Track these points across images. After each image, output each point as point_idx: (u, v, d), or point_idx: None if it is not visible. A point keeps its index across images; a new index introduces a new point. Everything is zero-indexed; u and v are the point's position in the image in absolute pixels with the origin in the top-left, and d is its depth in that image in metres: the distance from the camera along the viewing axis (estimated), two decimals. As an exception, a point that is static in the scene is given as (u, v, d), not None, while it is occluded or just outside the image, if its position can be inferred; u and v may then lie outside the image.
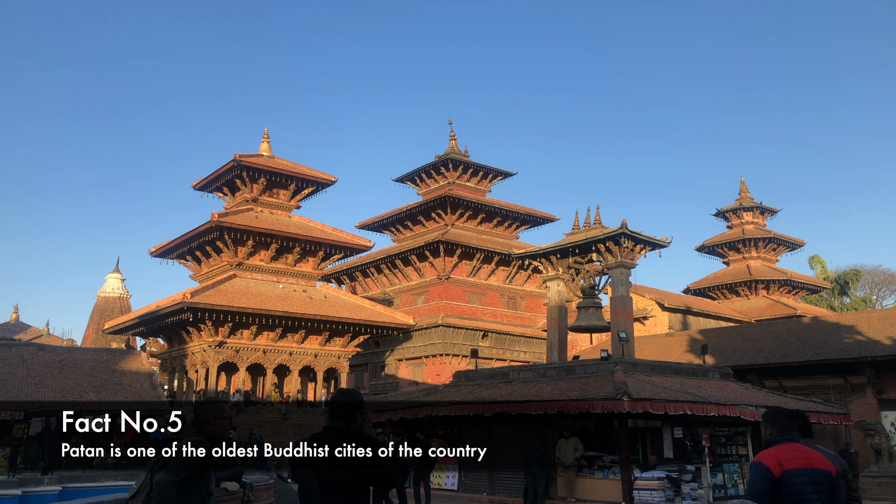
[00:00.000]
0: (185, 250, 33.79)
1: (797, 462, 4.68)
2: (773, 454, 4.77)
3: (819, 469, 4.71)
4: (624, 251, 22.38)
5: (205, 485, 4.73)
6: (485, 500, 19.48)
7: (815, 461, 4.74)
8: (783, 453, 4.75)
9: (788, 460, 4.69)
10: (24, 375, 25.82)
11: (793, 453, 4.75)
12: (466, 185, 43.34)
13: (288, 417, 29.40)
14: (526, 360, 36.79)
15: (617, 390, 16.60)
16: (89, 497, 10.76)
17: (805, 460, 4.72)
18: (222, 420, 4.88)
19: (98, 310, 54.16)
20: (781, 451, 4.77)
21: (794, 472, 4.64)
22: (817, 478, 4.68)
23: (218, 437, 4.82)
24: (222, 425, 4.88)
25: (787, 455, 4.72)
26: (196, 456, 4.60)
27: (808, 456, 4.76)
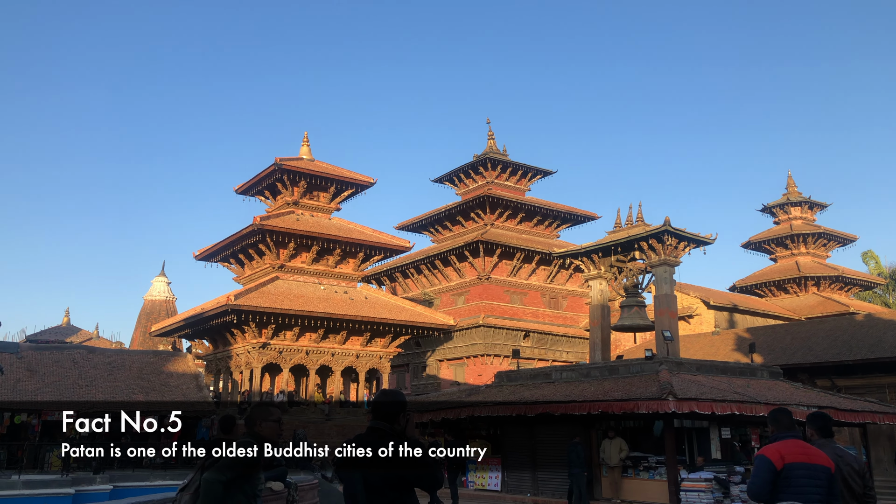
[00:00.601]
0: (229, 253, 34.31)
1: (798, 457, 5.07)
2: (776, 449, 5.17)
3: (818, 465, 5.07)
4: (667, 249, 22.03)
5: (252, 485, 4.74)
6: (528, 500, 19.33)
7: (814, 457, 5.10)
8: (785, 448, 5.14)
9: (790, 455, 5.08)
10: (75, 377, 26.48)
11: (794, 449, 5.14)
12: (505, 185, 43.14)
13: (331, 418, 29.63)
14: (568, 361, 36.45)
15: (662, 390, 16.33)
16: (139, 496, 10.94)
17: (805, 456, 5.10)
18: (269, 423, 4.89)
19: (145, 313, 55.35)
20: (784, 447, 5.16)
21: (794, 465, 5.03)
22: (815, 472, 5.03)
23: (266, 439, 4.83)
24: (270, 427, 4.88)
25: (788, 450, 5.12)
26: (243, 457, 4.62)
27: (808, 452, 5.14)
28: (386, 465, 4.22)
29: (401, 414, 4.42)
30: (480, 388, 24.48)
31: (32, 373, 25.82)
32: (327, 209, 35.41)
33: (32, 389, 24.88)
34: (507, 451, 20.84)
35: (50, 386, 25.44)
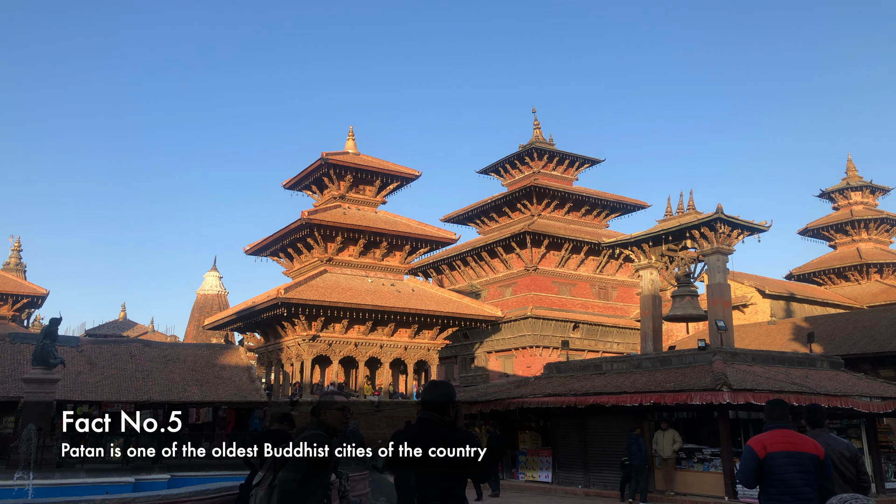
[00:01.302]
0: (278, 248, 34.78)
1: (781, 446, 5.40)
2: (760, 439, 5.56)
3: (803, 452, 5.38)
4: (720, 237, 21.53)
5: (325, 479, 4.90)
6: (580, 492, 19.15)
7: (799, 445, 5.42)
8: (769, 438, 5.51)
9: (772, 444, 5.43)
10: (132, 370, 27.21)
11: (778, 438, 5.47)
12: (552, 174, 42.68)
13: (381, 409, 29.84)
14: (619, 352, 35.97)
15: (716, 381, 16.01)
16: (196, 485, 11.18)
17: (789, 444, 5.42)
18: (333, 411, 5.00)
19: (198, 307, 56.62)
20: (768, 437, 5.54)
21: (776, 454, 5.38)
22: (800, 460, 5.35)
23: (331, 427, 4.96)
24: (334, 416, 4.99)
25: (772, 440, 5.47)
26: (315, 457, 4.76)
27: (792, 441, 5.45)
28: (437, 456, 4.22)
29: (450, 405, 4.45)
30: (529, 379, 24.34)
31: (92, 366, 26.63)
32: (373, 202, 35.58)
33: (93, 382, 25.67)
34: (557, 442, 20.68)
35: (109, 379, 26.21)
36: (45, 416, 15.06)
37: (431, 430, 4.33)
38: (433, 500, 4.18)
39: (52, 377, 15.18)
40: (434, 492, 4.19)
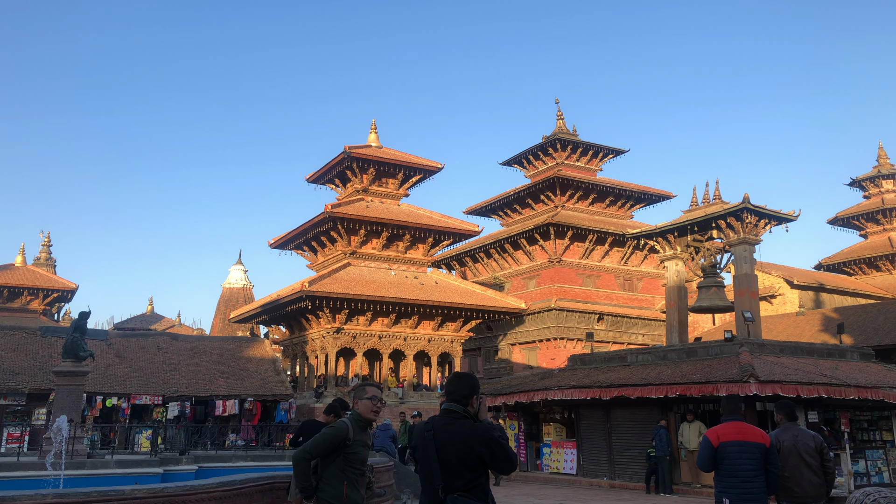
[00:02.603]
0: (302, 241, 34.97)
1: (731, 436, 6.29)
2: (715, 430, 6.45)
3: (750, 441, 6.23)
4: (747, 227, 21.25)
5: (348, 462, 5.01)
6: (605, 484, 19.06)
7: (748, 436, 6.27)
8: (723, 429, 6.40)
9: (725, 434, 6.32)
10: (160, 363, 27.59)
11: (730, 429, 6.36)
12: (576, 165, 42.38)
13: (405, 401, 29.93)
14: (644, 343, 35.71)
15: (743, 372, 15.83)
16: (224, 476, 11.27)
17: (739, 434, 6.29)
18: (364, 400, 5.14)
19: (224, 300, 57.17)
20: (722, 428, 6.41)
21: (727, 443, 6.27)
22: (747, 448, 6.21)
23: (363, 417, 5.13)
24: (364, 405, 5.14)
25: (725, 430, 6.36)
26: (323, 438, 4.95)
27: (742, 431, 6.31)
28: (462, 447, 4.22)
29: (474, 396, 4.46)
30: (554, 371, 24.26)
31: (121, 359, 27.04)
32: (396, 195, 35.61)
33: (121, 375, 26.08)
34: (582, 434, 20.61)
35: (137, 371, 26.60)
36: (76, 407, 15.26)
37: (456, 421, 4.33)
38: (458, 491, 4.18)
39: (82, 370, 15.39)
40: (459, 483, 4.19)
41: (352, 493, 4.99)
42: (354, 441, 5.00)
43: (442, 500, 4.18)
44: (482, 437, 4.26)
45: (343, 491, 4.93)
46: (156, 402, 25.58)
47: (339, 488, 4.92)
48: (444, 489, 4.18)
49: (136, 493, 9.01)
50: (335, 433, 4.95)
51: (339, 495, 4.92)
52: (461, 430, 4.28)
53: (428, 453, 4.28)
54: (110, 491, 9.13)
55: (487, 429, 4.34)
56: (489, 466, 4.29)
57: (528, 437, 22.80)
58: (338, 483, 4.93)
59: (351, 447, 4.98)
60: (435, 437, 4.29)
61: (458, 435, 4.26)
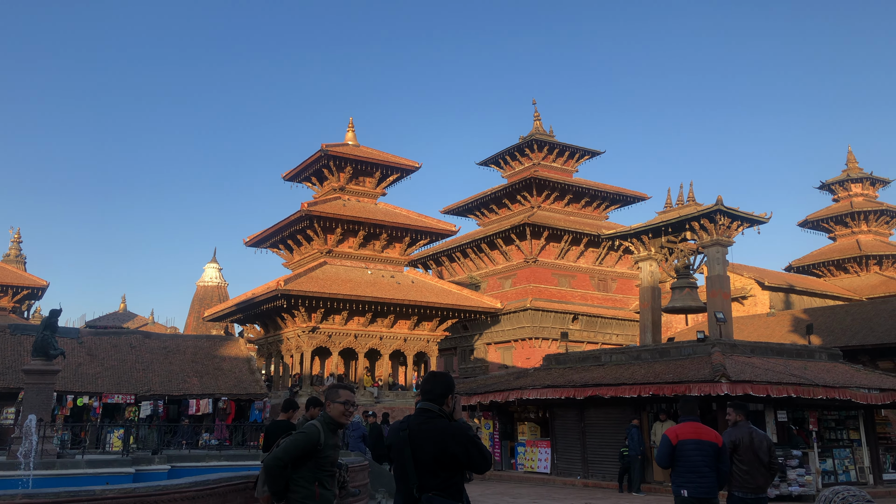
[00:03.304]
0: (278, 239, 34.76)
1: (688, 435, 6.93)
2: (674, 429, 7.09)
3: (705, 440, 6.88)
4: (720, 228, 21.51)
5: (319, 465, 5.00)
6: (578, 483, 19.21)
7: (703, 435, 6.92)
8: (681, 429, 7.03)
9: (683, 434, 6.94)
10: (133, 361, 27.24)
11: (687, 429, 6.99)
12: (552, 166, 42.61)
13: (380, 400, 29.89)
14: (618, 343, 36.01)
15: (714, 372, 16.04)
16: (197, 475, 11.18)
17: (696, 434, 6.92)
18: (336, 404, 5.11)
19: (198, 298, 56.64)
20: (680, 427, 7.06)
21: (685, 441, 6.89)
22: (702, 446, 6.84)
23: (335, 420, 5.11)
24: (336, 408, 5.11)
25: (683, 430, 6.99)
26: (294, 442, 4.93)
27: (699, 431, 6.96)
28: (437, 446, 4.23)
29: (449, 395, 4.45)
30: (529, 371, 24.37)
31: (92, 357, 26.66)
32: (373, 194, 35.54)
33: (93, 373, 25.71)
34: (556, 433, 20.74)
35: (109, 370, 26.24)
36: (46, 406, 15.04)
37: (431, 420, 4.33)
38: (433, 490, 4.17)
39: (52, 368, 15.16)
40: (435, 482, 4.18)
41: (323, 492, 5.00)
42: (325, 445, 5.00)
43: (417, 499, 4.16)
44: (458, 436, 4.25)
45: (315, 490, 4.94)
46: (128, 401, 25.27)
47: (311, 489, 4.93)
48: (420, 488, 4.16)
49: (107, 493, 8.90)
50: (306, 439, 4.94)
51: (311, 495, 4.93)
52: (437, 430, 4.27)
53: (403, 452, 4.27)
54: (80, 491, 9.01)
55: (463, 428, 4.33)
56: (464, 465, 4.28)
57: (502, 436, 22.88)
58: (308, 484, 4.94)
59: (322, 451, 4.98)
60: (410, 437, 4.27)
61: (434, 434, 4.24)
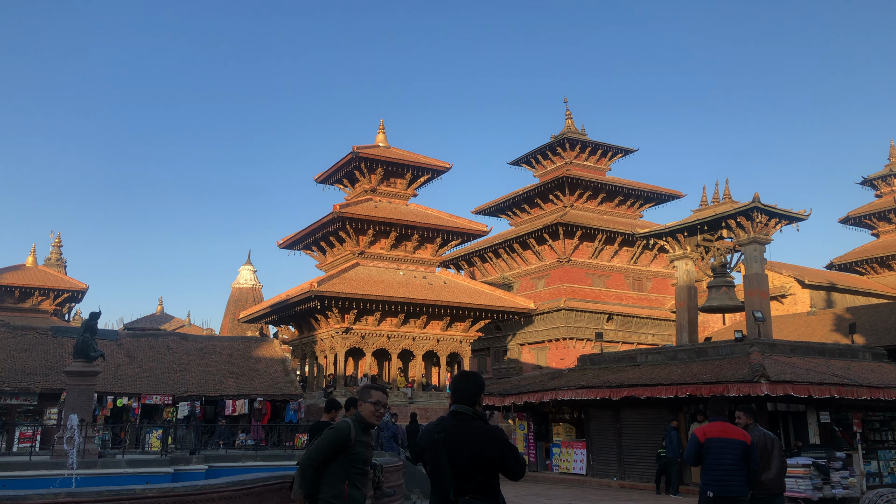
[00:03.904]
0: (311, 241, 35.03)
1: (716, 433, 7.07)
2: (702, 428, 7.23)
3: (732, 439, 7.00)
4: (757, 226, 21.15)
5: (350, 462, 4.97)
6: (615, 484, 19.00)
7: (730, 434, 7.05)
8: (709, 428, 7.17)
9: (711, 432, 7.10)
10: (170, 363, 27.67)
11: (715, 428, 7.13)
12: (585, 165, 42.27)
13: (414, 401, 29.94)
14: (654, 343, 35.57)
15: (753, 372, 15.73)
16: (234, 475, 11.29)
17: (723, 433, 7.06)
18: (367, 404, 5.09)
19: (233, 300, 57.34)
20: (708, 427, 7.19)
21: (712, 440, 7.04)
22: (729, 444, 6.97)
23: (366, 420, 5.08)
24: (367, 409, 5.08)
25: (710, 429, 7.14)
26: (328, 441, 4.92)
27: (726, 430, 7.09)
28: (473, 449, 4.18)
29: (481, 396, 4.42)
30: (563, 371, 24.20)
31: (131, 359, 27.15)
32: (404, 195, 35.62)
33: (131, 375, 26.18)
34: (591, 434, 20.55)
35: (147, 371, 26.70)
36: (87, 407, 15.34)
37: (466, 423, 4.29)
38: (469, 493, 4.14)
39: (92, 370, 15.47)
40: (471, 485, 4.15)
41: (353, 491, 4.97)
42: (356, 442, 4.98)
43: (453, 502, 4.13)
44: (493, 439, 4.21)
45: (344, 490, 4.92)
46: (166, 401, 25.67)
47: (340, 487, 4.91)
48: (455, 491, 4.13)
49: (147, 493, 9.03)
50: (336, 434, 4.94)
51: (341, 494, 4.90)
52: (472, 433, 4.23)
53: (438, 455, 4.23)
54: (121, 490, 9.15)
55: (498, 431, 4.31)
56: (499, 470, 4.24)
57: (537, 437, 22.75)
58: (339, 483, 4.91)
59: (353, 448, 4.97)
60: (445, 440, 4.25)
61: (469, 437, 4.21)
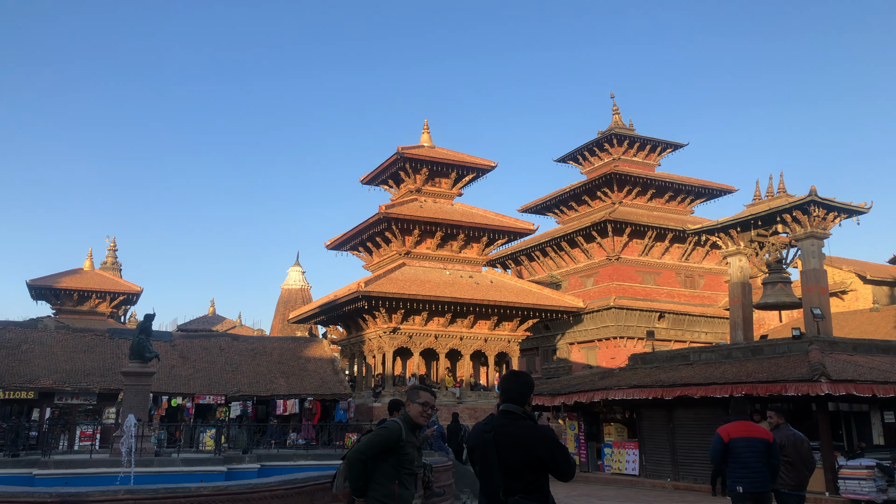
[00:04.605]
0: (357, 242, 35.28)
1: (739, 433, 7.40)
2: (726, 428, 7.55)
3: (756, 437, 7.35)
4: (814, 220, 20.49)
5: (400, 463, 4.95)
6: (668, 485, 18.61)
7: (753, 432, 7.40)
8: (732, 427, 7.49)
9: (734, 432, 7.43)
10: (222, 363, 28.18)
11: (738, 427, 7.46)
12: (633, 161, 41.62)
13: (462, 401, 29.89)
14: (707, 342, 34.80)
15: (813, 371, 15.23)
16: (285, 474, 11.43)
17: (746, 432, 7.40)
18: (415, 404, 5.09)
19: (282, 301, 58.17)
20: (731, 426, 7.52)
21: (736, 439, 7.37)
22: (753, 443, 7.32)
23: (413, 420, 5.08)
24: (415, 409, 5.08)
25: (734, 428, 7.46)
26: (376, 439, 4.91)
27: (749, 429, 7.44)
28: (524, 448, 4.13)
29: (531, 395, 4.37)
30: (614, 370, 23.86)
31: (185, 359, 27.74)
32: (449, 195, 35.60)
33: (185, 375, 26.75)
34: (644, 434, 20.19)
35: (200, 371, 27.24)
36: (143, 407, 15.70)
37: (516, 422, 4.24)
38: (519, 492, 4.10)
39: (148, 370, 15.82)
40: (520, 484, 4.10)
41: (403, 492, 4.96)
42: (406, 442, 4.97)
43: (503, 501, 4.10)
44: (544, 439, 4.16)
45: (394, 490, 4.91)
46: (219, 401, 26.14)
47: (390, 487, 4.89)
48: (506, 491, 4.10)
49: (202, 491, 9.18)
50: (388, 434, 4.92)
51: (391, 494, 4.89)
52: (522, 432, 4.19)
53: (488, 455, 4.21)
54: (177, 488, 9.33)
55: (549, 430, 4.26)
56: (549, 470, 4.17)
57: (588, 437, 22.47)
58: (389, 482, 4.90)
59: (402, 448, 4.96)
60: (495, 438, 4.21)
61: (520, 436, 4.17)
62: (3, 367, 24.59)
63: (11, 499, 8.76)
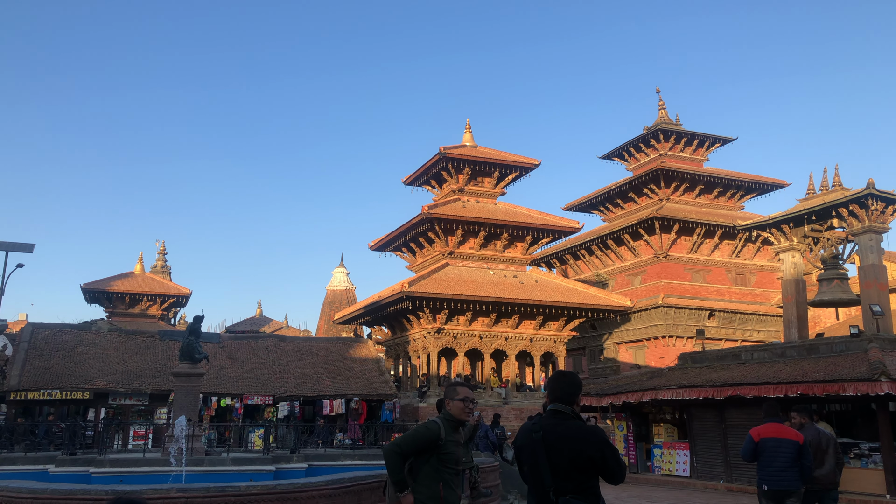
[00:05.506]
0: (400, 242, 35.38)
1: (770, 434, 7.69)
2: (757, 429, 7.87)
3: (785, 438, 7.60)
4: (872, 214, 19.82)
5: (442, 462, 4.89)
6: (721, 487, 18.18)
7: (783, 434, 7.66)
8: (763, 428, 7.80)
9: (764, 432, 7.73)
10: (269, 364, 28.53)
11: (769, 428, 7.76)
12: (680, 156, 40.84)
13: (508, 401, 29.71)
14: (759, 340, 33.90)
15: (872, 370, 14.73)
16: (333, 474, 11.49)
17: (777, 433, 7.67)
18: (455, 402, 5.04)
19: (328, 302, 58.72)
20: (763, 427, 7.82)
21: (766, 439, 7.66)
22: (782, 443, 7.57)
23: (455, 418, 5.02)
24: (455, 406, 5.03)
25: (765, 430, 7.76)
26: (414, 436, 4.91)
27: (779, 430, 7.71)
28: (573, 448, 4.06)
29: (579, 395, 4.33)
30: (663, 370, 23.44)
31: (233, 360, 28.16)
32: (492, 194, 35.44)
33: (234, 376, 27.15)
34: (694, 435, 19.76)
35: (248, 372, 27.62)
36: (194, 407, 15.96)
37: (565, 422, 4.19)
38: (570, 493, 4.04)
39: (198, 371, 16.09)
40: (570, 485, 4.04)
41: (448, 493, 4.88)
42: (447, 441, 4.90)
43: (553, 502, 4.05)
44: (594, 439, 4.10)
45: (439, 492, 4.82)
46: (266, 402, 26.47)
47: (435, 489, 4.82)
48: (556, 491, 4.05)
49: (252, 490, 9.29)
50: (426, 432, 4.88)
51: (436, 496, 4.81)
52: (572, 432, 4.14)
53: (537, 455, 4.16)
54: (228, 487, 9.46)
55: (599, 431, 4.20)
56: (598, 471, 4.09)
57: (637, 437, 22.11)
58: (433, 484, 4.83)
59: (444, 447, 4.89)
60: (544, 438, 4.14)
61: (569, 436, 4.11)
62: (60, 369, 25.32)
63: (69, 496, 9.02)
